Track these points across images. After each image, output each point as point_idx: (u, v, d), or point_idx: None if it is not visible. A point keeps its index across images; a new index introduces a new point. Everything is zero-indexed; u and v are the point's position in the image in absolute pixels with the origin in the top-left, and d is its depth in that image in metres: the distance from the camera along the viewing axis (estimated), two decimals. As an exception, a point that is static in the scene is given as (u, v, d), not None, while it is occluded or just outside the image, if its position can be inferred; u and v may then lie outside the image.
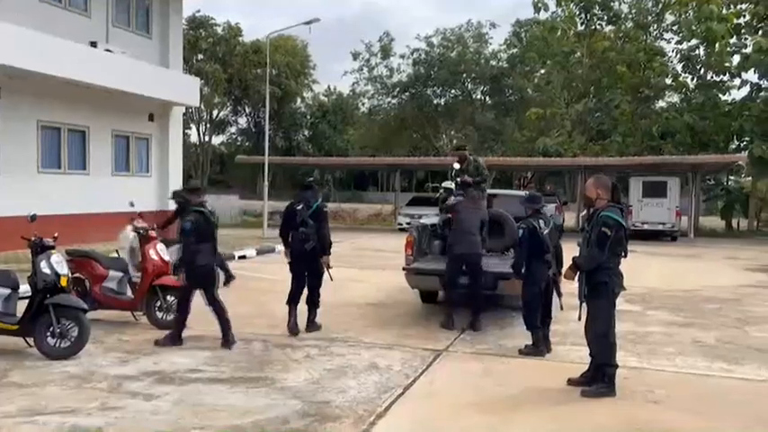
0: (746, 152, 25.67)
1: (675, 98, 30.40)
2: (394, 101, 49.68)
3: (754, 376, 6.45)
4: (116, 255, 8.53)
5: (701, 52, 28.38)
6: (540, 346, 7.10)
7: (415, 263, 8.87)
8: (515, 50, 43.81)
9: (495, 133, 44.25)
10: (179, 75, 19.49)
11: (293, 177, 58.81)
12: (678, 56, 29.07)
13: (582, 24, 31.11)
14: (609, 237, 5.52)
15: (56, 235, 6.95)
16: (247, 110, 63.67)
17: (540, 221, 7.20)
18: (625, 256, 5.73)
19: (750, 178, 30.53)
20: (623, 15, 30.61)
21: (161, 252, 8.06)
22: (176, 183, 18.99)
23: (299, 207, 7.76)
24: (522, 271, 7.16)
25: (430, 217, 25.92)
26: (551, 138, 31.24)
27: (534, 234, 7.07)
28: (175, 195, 10.44)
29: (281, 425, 4.81)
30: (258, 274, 12.83)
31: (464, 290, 8.25)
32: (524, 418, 5.10)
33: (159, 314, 7.92)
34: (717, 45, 27.12)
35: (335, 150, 60.77)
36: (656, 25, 30.10)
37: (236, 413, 5.03)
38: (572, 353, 7.09)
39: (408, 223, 26.26)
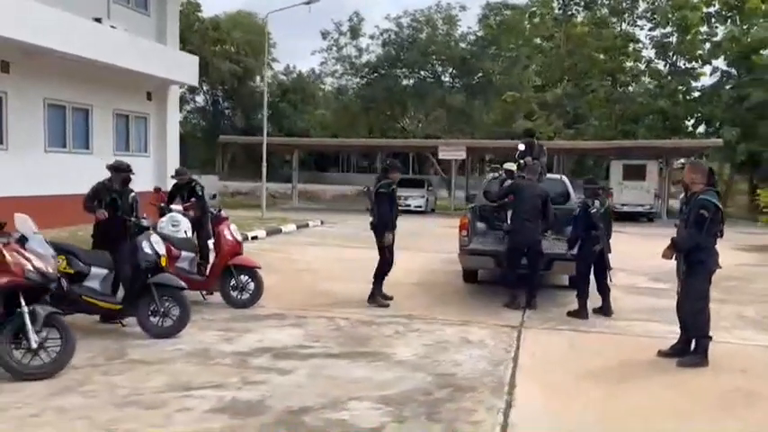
0: (718, 138, 26.75)
1: (649, 83, 31.35)
2: (362, 81, 49.73)
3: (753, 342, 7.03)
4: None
5: (674, 40, 29.33)
6: (582, 312, 7.89)
7: (471, 244, 9.17)
8: (484, 33, 44.24)
9: (465, 116, 44.76)
10: (178, 53, 19.25)
11: (253, 157, 58.41)
12: (652, 42, 30.00)
13: (559, 9, 31.75)
14: (707, 218, 5.91)
15: (146, 215, 7.08)
16: (205, 88, 62.63)
17: (596, 202, 7.80)
18: (721, 236, 6.17)
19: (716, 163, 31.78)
20: (599, 1, 31.32)
21: (234, 232, 8.19)
22: (174, 163, 18.84)
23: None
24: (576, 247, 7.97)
25: (416, 198, 26.68)
26: (533, 122, 31.94)
27: (586, 212, 7.69)
28: (179, 173, 9.91)
29: (426, 395, 5.09)
30: (285, 255, 12.98)
31: (524, 271, 8.65)
32: (640, 386, 5.50)
33: (234, 293, 8.06)
34: (690, 33, 28.15)
35: (296, 131, 60.31)
36: (630, 12, 30.88)
37: (374, 385, 5.28)
38: (634, 326, 7.61)
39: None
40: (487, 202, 10.63)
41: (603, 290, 8.09)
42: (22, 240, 5.35)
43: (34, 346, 5.17)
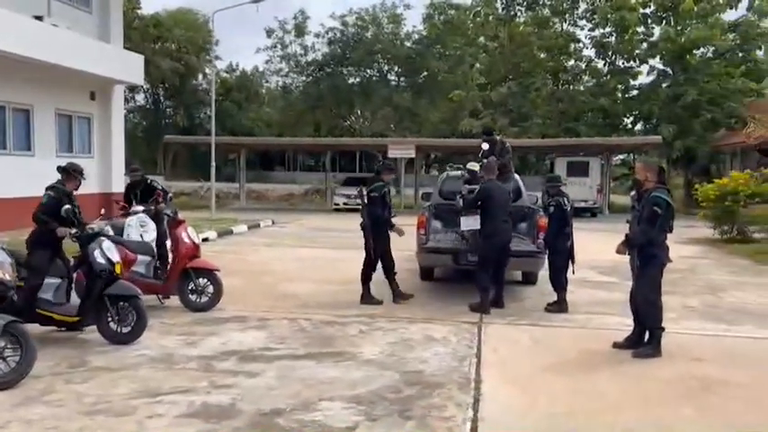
0: (656, 134, 27.66)
1: (588, 82, 32.18)
2: (308, 79, 49.50)
3: (758, 335, 7.38)
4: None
5: (613, 39, 30.18)
6: (562, 304, 8.21)
7: (429, 242, 9.28)
8: (429, 32, 44.60)
9: (412, 114, 45.07)
10: (123, 51, 18.78)
11: (194, 157, 57.56)
12: (592, 42, 30.80)
13: (503, 9, 32.29)
14: (659, 215, 6.17)
15: (102, 212, 6.96)
16: (146, 86, 61.19)
17: (565, 199, 8.05)
18: (671, 231, 6.44)
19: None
20: (541, 2, 31.98)
21: (192, 235, 8.09)
22: (119, 164, 18.46)
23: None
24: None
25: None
26: (479, 120, 32.37)
27: (562, 209, 7.91)
28: (133, 170, 9.46)
29: (396, 393, 5.16)
30: (239, 256, 12.89)
31: (472, 268, 8.80)
32: (601, 377, 5.71)
33: (193, 297, 7.97)
34: (628, 33, 29.05)
35: (240, 129, 59.49)
36: (570, 12, 31.61)
37: (344, 385, 5.32)
38: (592, 320, 7.88)
39: (345, 203, 26.64)
40: (443, 200, 10.80)
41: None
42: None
43: None
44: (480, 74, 35.59)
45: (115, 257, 6.55)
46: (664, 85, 29.18)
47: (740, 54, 28.50)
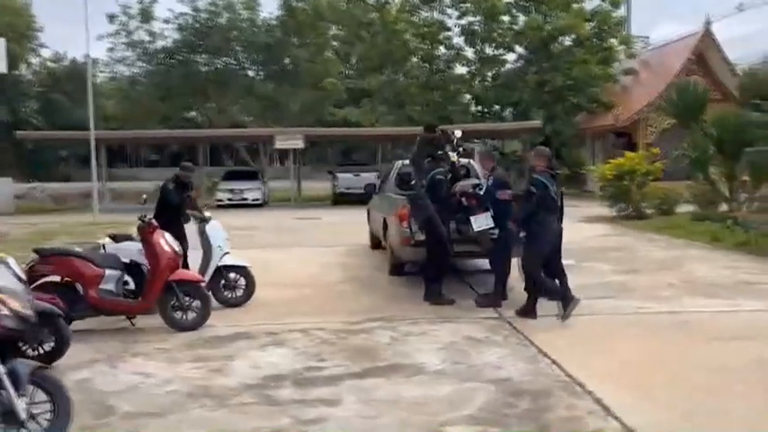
0: (526, 120, 28.73)
1: (459, 70, 32.76)
2: (157, 68, 46.14)
3: (750, 308, 7.52)
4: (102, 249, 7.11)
5: (481, 28, 30.88)
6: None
7: (416, 235, 8.63)
8: (287, 19, 43.23)
9: (275, 103, 43.50)
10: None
11: (24, 156, 52.51)
12: (461, 30, 31.33)
13: (375, -4, 32.00)
14: (534, 194, 6.87)
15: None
16: (-39, 79, 54.51)
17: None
18: (560, 217, 7.11)
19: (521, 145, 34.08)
20: (411, -12, 32.01)
21: (171, 242, 6.90)
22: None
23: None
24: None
25: (253, 191, 25.43)
26: (358, 108, 31.92)
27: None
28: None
29: (512, 408, 4.57)
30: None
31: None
32: (686, 364, 5.46)
33: (177, 314, 6.81)
34: (495, 21, 29.89)
35: (74, 123, 54.54)
36: (439, 0, 31.91)
37: (445, 404, 4.66)
38: (600, 304, 7.69)
39: (230, 199, 25.06)
40: (401, 191, 10.31)
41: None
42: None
43: (23, 417, 3.80)
44: (357, 61, 35.08)
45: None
46: (530, 72, 30.30)
47: (597, 42, 30.24)
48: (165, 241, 6.82)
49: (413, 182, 8.19)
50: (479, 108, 31.38)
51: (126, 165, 71.24)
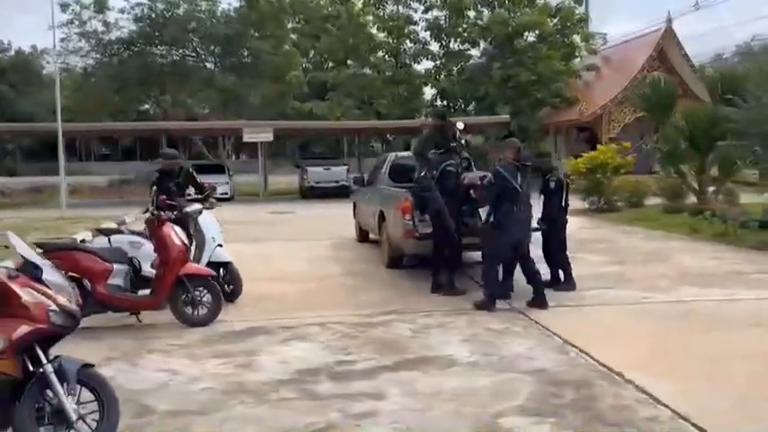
0: (493, 114, 28.97)
1: (429, 64, 32.87)
2: (111, 59, 44.85)
3: (750, 296, 7.68)
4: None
5: (446, 22, 31.00)
6: (570, 281, 8.13)
7: (420, 228, 8.55)
8: (247, 10, 42.53)
9: (236, 96, 42.77)
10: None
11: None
12: (426, 24, 31.39)
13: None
14: (494, 185, 7.11)
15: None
16: None
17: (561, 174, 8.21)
18: (517, 207, 7.06)
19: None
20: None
21: (180, 234, 6.69)
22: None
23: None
24: None
25: (221, 185, 24.99)
26: (325, 101, 31.64)
27: (561, 185, 8.26)
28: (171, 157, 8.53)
29: (559, 398, 4.55)
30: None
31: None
32: (720, 350, 5.54)
33: (188, 310, 6.61)
34: (461, 16, 30.06)
35: (20, 116, 52.62)
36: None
37: (489, 395, 4.62)
38: (604, 294, 7.79)
39: (198, 193, 24.42)
40: (395, 183, 10.30)
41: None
42: (35, 270, 3.69)
43: (74, 418, 3.61)
44: (321, 55, 34.80)
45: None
46: (496, 67, 30.54)
47: (560, 38, 30.69)
48: (175, 234, 6.61)
49: (422, 173, 8.10)
50: (445, 102, 31.53)
51: (76, 159, 69.19)
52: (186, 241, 6.77)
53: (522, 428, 4.08)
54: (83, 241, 9.78)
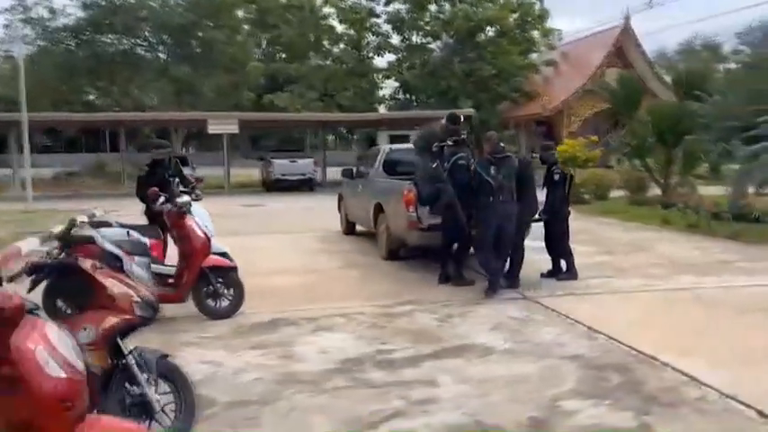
0: (456, 108, 29.29)
1: (391, 57, 32.92)
2: (57, 48, 43.38)
3: (746, 283, 8.04)
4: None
5: (408, 16, 31.13)
6: (572, 271, 8.42)
7: (425, 220, 8.63)
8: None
9: (190, 87, 41.98)
10: None
11: None
12: (388, 17, 31.45)
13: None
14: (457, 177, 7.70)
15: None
16: None
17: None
18: (494, 197, 7.39)
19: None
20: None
21: (203, 227, 6.61)
22: None
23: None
24: None
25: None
26: (288, 93, 31.36)
27: (564, 177, 8.73)
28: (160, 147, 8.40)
29: (606, 382, 4.73)
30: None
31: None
32: (739, 334, 5.83)
33: (212, 302, 6.55)
34: (423, 10, 30.25)
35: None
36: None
37: (538, 381, 4.76)
38: (608, 284, 8.05)
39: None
40: (390, 176, 10.36)
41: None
42: (116, 262, 3.64)
43: (158, 408, 3.59)
44: (283, 47, 34.48)
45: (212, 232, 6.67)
46: (456, 62, 30.86)
47: (520, 33, 31.20)
48: (197, 226, 6.54)
49: (433, 165, 8.16)
50: (407, 96, 31.73)
51: (17, 151, 66.60)
52: (210, 232, 6.69)
53: (583, 411, 4.22)
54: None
